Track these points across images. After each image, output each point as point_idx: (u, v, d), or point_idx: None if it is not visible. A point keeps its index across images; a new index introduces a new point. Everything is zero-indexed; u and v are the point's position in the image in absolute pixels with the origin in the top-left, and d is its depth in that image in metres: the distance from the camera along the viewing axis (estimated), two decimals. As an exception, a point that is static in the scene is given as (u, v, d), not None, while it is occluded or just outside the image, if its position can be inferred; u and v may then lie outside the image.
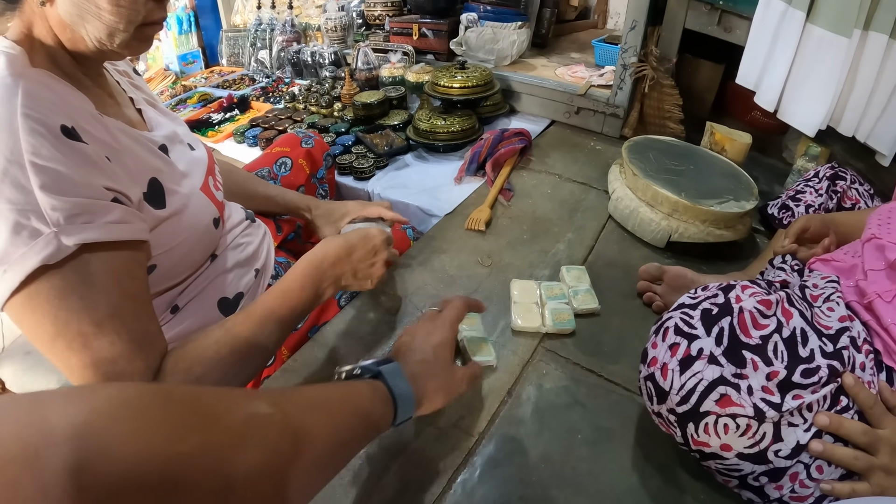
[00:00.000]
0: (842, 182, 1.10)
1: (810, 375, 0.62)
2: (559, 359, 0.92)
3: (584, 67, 1.91)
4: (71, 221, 0.58)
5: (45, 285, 0.57)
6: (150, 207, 0.71)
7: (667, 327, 0.68)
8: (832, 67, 1.12)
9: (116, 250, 0.62)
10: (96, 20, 0.65)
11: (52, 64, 0.68)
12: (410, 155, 1.64)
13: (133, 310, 0.63)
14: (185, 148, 0.87)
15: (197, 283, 0.84)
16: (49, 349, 0.59)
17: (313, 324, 1.00)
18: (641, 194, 1.22)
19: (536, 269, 1.13)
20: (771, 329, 0.64)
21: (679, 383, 0.63)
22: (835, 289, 0.76)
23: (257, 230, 1.01)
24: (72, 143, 0.60)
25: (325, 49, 2.25)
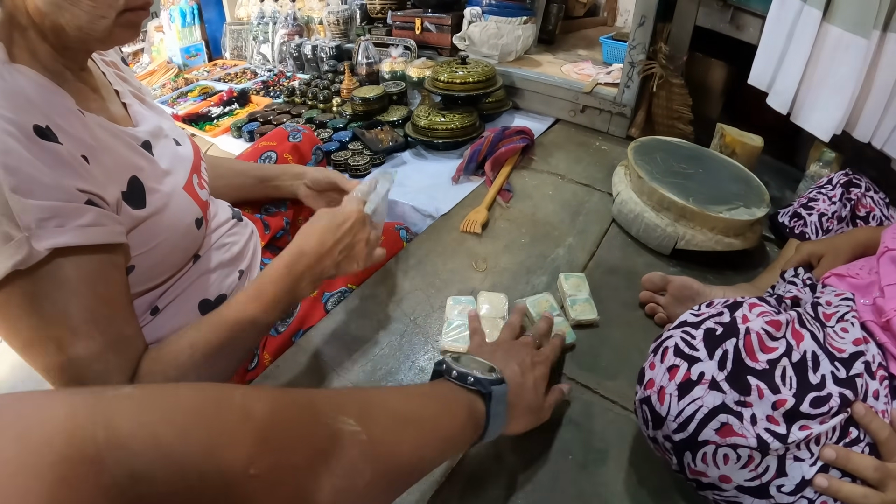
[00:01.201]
0: (856, 189, 1.06)
1: (820, 405, 0.58)
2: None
3: (591, 65, 1.87)
4: (42, 225, 0.56)
5: (18, 291, 0.56)
6: (128, 207, 0.69)
7: (666, 347, 0.64)
8: (849, 69, 1.06)
9: (90, 254, 0.61)
10: (74, 7, 0.63)
11: (32, 58, 0.66)
12: (408, 152, 1.60)
13: (108, 314, 0.62)
14: (169, 143, 0.85)
15: (178, 285, 0.82)
16: (23, 352, 0.59)
17: (298, 328, 0.96)
18: (647, 198, 1.17)
19: (533, 275, 1.08)
20: (779, 353, 0.59)
21: (677, 409, 0.59)
22: (849, 307, 0.71)
23: (244, 229, 0.98)
24: (44, 144, 0.58)
25: (327, 43, 2.23)
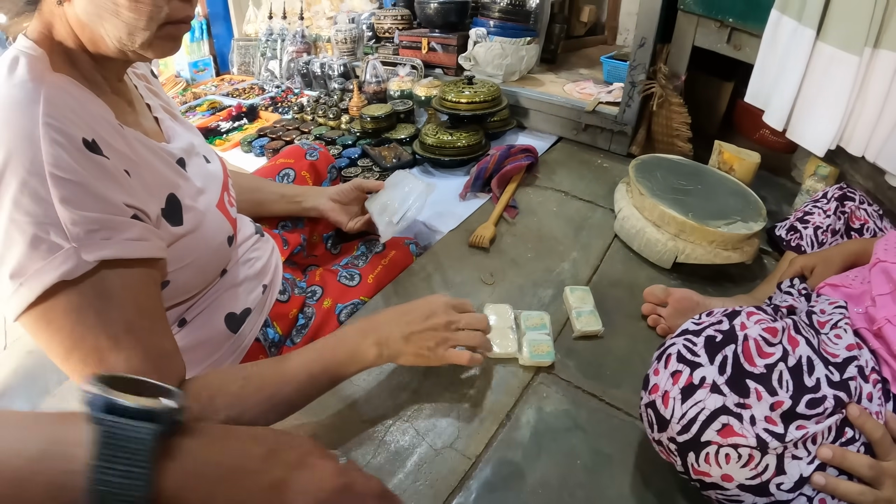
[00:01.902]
0: (850, 202, 1.09)
1: (815, 406, 0.61)
2: (560, 381, 0.91)
3: (592, 84, 1.91)
4: (91, 237, 0.57)
5: (62, 300, 0.56)
6: (167, 224, 0.70)
7: (669, 354, 0.67)
8: (842, 86, 1.11)
9: (134, 267, 0.61)
10: (115, 18, 0.62)
11: (72, 68, 0.66)
12: (416, 169, 1.64)
13: (149, 327, 0.62)
14: (201, 161, 0.86)
15: (206, 298, 0.83)
16: (63, 362, 0.58)
17: (312, 338, 0.99)
18: (648, 214, 1.21)
19: (540, 288, 1.11)
20: (776, 357, 0.63)
21: (680, 412, 0.63)
22: (842, 315, 0.75)
23: (265, 245, 1.01)
24: (93, 157, 0.59)
25: (335, 61, 2.27)
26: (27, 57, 0.61)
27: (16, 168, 0.54)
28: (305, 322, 1.00)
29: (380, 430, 0.82)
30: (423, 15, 2.03)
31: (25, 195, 0.54)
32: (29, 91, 0.58)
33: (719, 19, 1.45)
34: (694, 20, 1.51)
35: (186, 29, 0.69)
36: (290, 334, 0.99)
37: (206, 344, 0.83)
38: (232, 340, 0.86)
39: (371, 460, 0.77)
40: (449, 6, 1.96)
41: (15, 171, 0.54)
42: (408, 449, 0.79)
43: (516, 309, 1.01)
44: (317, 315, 1.02)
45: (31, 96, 0.57)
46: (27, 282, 0.55)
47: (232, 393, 0.66)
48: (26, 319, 0.57)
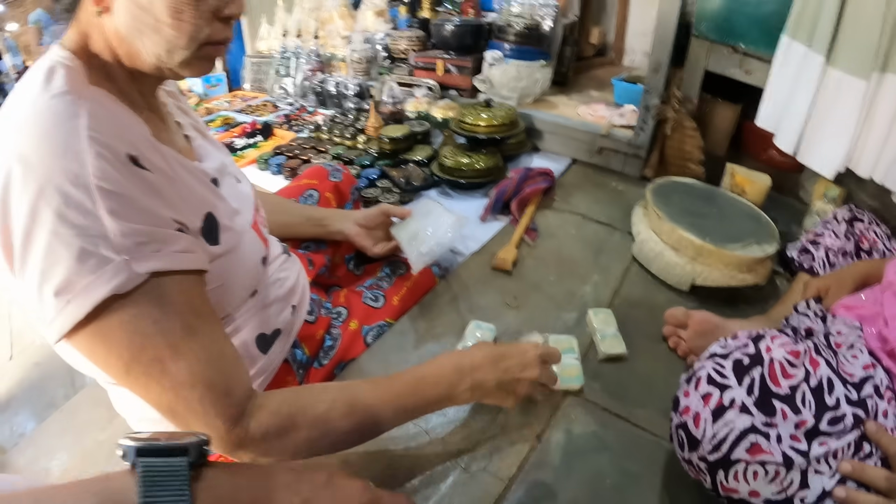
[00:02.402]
0: (859, 224, 1.12)
1: (836, 423, 0.65)
2: (587, 404, 0.93)
3: (604, 106, 1.95)
4: (140, 249, 0.55)
5: (116, 314, 0.54)
6: (205, 243, 0.69)
7: (699, 377, 0.71)
8: (851, 110, 1.14)
9: (185, 277, 0.61)
10: (155, 34, 0.61)
11: (108, 81, 0.64)
12: (434, 191, 1.66)
13: (209, 331, 0.61)
14: (233, 181, 0.85)
15: (238, 318, 0.82)
16: (124, 378, 0.57)
17: (340, 360, 1.00)
18: (666, 237, 1.24)
19: (564, 311, 1.14)
20: (799, 378, 0.67)
21: (711, 432, 0.66)
22: (858, 336, 0.79)
23: (293, 265, 1.00)
24: (137, 171, 0.58)
25: (350, 80, 2.29)
26: (65, 68, 0.60)
27: (59, 181, 0.52)
28: (332, 344, 1.01)
29: (413, 452, 0.84)
30: (438, 37, 2.07)
31: (71, 208, 0.52)
32: (69, 104, 0.56)
33: (731, 45, 1.49)
34: (706, 46, 1.55)
35: (224, 50, 0.68)
36: (317, 355, 0.99)
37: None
38: (262, 361, 0.85)
39: (406, 483, 0.79)
40: (464, 29, 2.00)
41: (58, 185, 0.52)
42: (441, 472, 0.81)
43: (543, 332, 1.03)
44: (343, 337, 1.02)
45: (72, 110, 0.56)
46: (76, 298, 0.53)
47: (317, 414, 0.65)
48: (78, 338, 0.55)
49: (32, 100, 0.57)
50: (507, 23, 1.97)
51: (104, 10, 0.61)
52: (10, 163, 0.53)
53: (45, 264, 0.53)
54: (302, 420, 0.64)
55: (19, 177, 0.52)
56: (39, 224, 0.52)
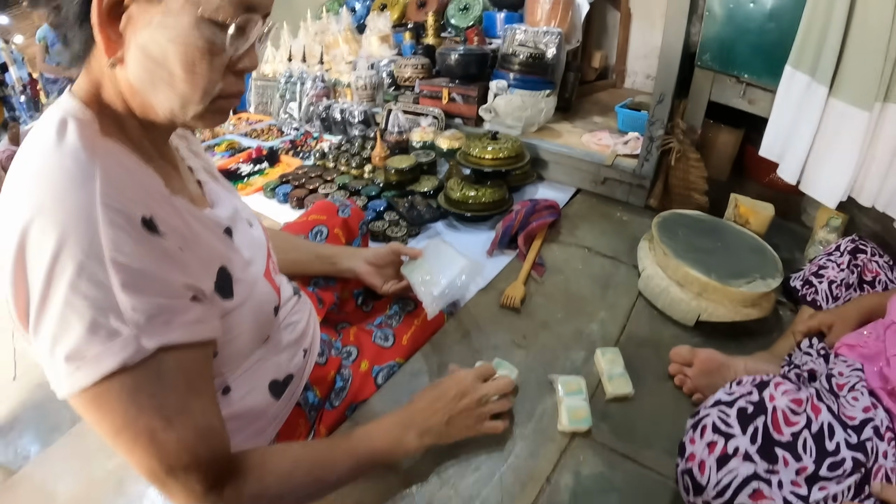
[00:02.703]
0: (862, 255, 1.13)
1: (836, 468, 0.68)
2: (595, 445, 0.94)
3: (608, 134, 1.96)
4: (151, 322, 0.55)
5: (117, 384, 0.55)
6: (219, 298, 0.68)
7: (704, 425, 0.73)
8: (853, 140, 1.15)
9: (190, 349, 0.61)
10: (168, 88, 0.61)
11: (121, 132, 0.64)
12: (441, 223, 1.67)
13: (201, 407, 0.62)
14: (245, 227, 0.84)
15: (250, 366, 0.82)
16: (112, 439, 0.57)
17: (351, 402, 1.01)
18: (672, 273, 1.25)
19: (572, 350, 1.15)
20: (801, 426, 0.70)
21: (716, 479, 0.69)
22: (859, 377, 0.81)
23: (304, 306, 0.99)
24: (151, 238, 0.58)
25: (355, 107, 2.31)
26: (76, 122, 0.59)
27: (73, 250, 0.52)
28: (343, 385, 1.01)
29: (423, 496, 0.85)
30: (443, 65, 2.09)
31: (84, 279, 0.52)
32: (83, 163, 0.55)
33: (735, 75, 1.50)
34: (710, 76, 1.56)
35: (237, 102, 0.68)
36: (328, 397, 0.99)
37: (251, 411, 0.82)
38: (274, 406, 0.86)
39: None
40: (469, 58, 2.02)
41: (72, 253, 0.52)
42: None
43: (552, 373, 1.05)
44: (354, 378, 1.02)
45: (86, 171, 0.55)
46: (85, 366, 0.53)
47: (283, 473, 0.69)
48: (77, 400, 0.56)
49: (45, 157, 0.56)
50: (512, 51, 1.99)
51: (117, 61, 0.60)
52: (28, 223, 0.52)
53: (58, 330, 0.53)
54: (271, 479, 0.68)
55: (36, 239, 0.52)
56: (54, 291, 0.52)
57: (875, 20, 1.09)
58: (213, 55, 0.60)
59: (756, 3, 1.38)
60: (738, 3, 1.42)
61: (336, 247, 1.23)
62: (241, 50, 0.63)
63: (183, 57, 0.59)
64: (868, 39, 1.10)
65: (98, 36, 0.58)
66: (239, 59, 0.64)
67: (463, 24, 2.53)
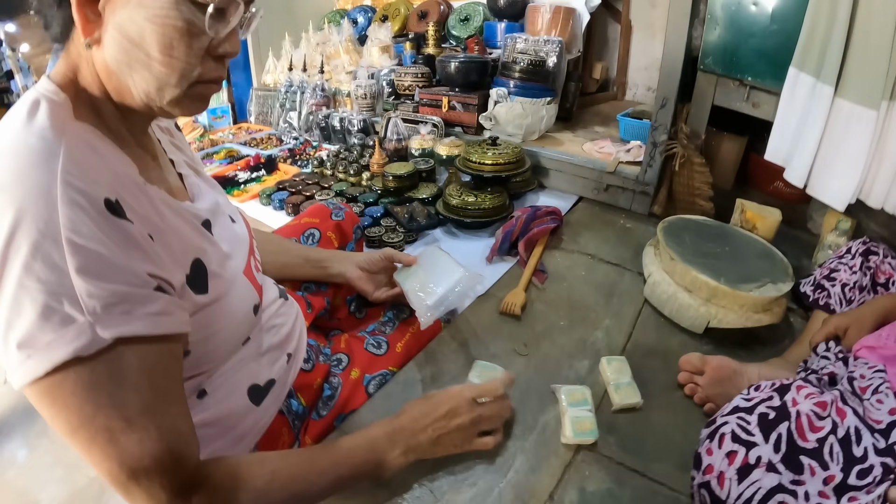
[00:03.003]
0: (874, 257, 1.11)
1: (865, 476, 0.64)
2: (602, 458, 0.89)
3: (610, 142, 1.94)
4: (109, 311, 0.53)
5: (72, 377, 0.52)
6: (191, 292, 0.66)
7: (723, 433, 0.70)
8: (861, 141, 1.13)
9: (154, 343, 0.57)
10: (145, 70, 0.59)
11: (96, 117, 0.63)
12: (440, 230, 1.65)
13: (166, 409, 0.58)
14: (226, 221, 0.82)
15: (228, 368, 0.78)
16: (68, 437, 0.55)
17: (339, 412, 0.96)
18: (679, 279, 1.21)
19: (575, 359, 1.10)
20: (827, 431, 0.67)
21: (737, 492, 0.65)
22: (882, 379, 0.78)
23: (290, 309, 0.97)
24: (115, 221, 0.55)
25: (355, 116, 2.31)
26: (48, 102, 0.58)
27: (28, 228, 0.50)
28: (332, 393, 0.97)
29: (420, 515, 0.79)
30: (443, 73, 2.08)
31: (38, 260, 0.50)
32: (49, 142, 0.54)
33: (738, 78, 1.49)
34: (713, 80, 1.55)
35: (217, 89, 0.67)
36: (315, 406, 0.95)
37: (228, 418, 0.78)
38: (254, 413, 0.82)
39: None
40: (470, 66, 2.01)
41: (27, 232, 0.50)
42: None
43: (554, 383, 1.00)
44: (344, 386, 0.99)
45: (50, 148, 0.53)
46: (36, 354, 0.51)
47: (258, 487, 0.65)
48: (31, 391, 0.53)
49: (13, 135, 0.55)
50: (513, 59, 1.98)
51: (94, 42, 0.59)
52: None
53: (11, 314, 0.51)
54: (244, 495, 0.64)
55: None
56: (7, 272, 0.50)
57: (879, 17, 1.07)
58: (191, 36, 0.59)
59: (758, 5, 1.38)
60: (740, 5, 1.41)
61: (327, 250, 1.20)
62: (221, 34, 0.62)
63: (160, 37, 0.58)
64: (872, 37, 1.09)
65: (76, 15, 0.57)
66: (220, 43, 0.63)
67: (463, 34, 2.54)
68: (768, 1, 1.36)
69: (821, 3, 1.17)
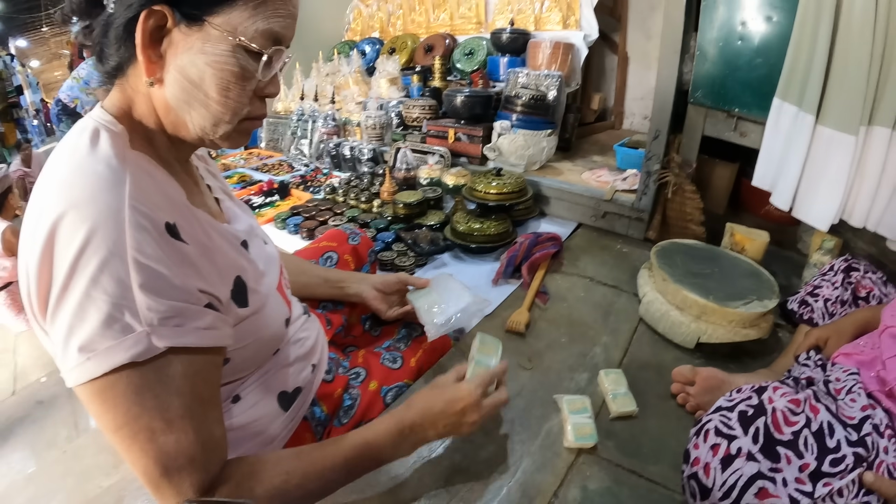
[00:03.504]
0: (855, 273, 1.16)
1: (838, 464, 0.70)
2: (602, 461, 0.96)
3: (607, 171, 2.03)
4: (164, 323, 0.58)
5: (124, 380, 0.57)
6: (234, 306, 0.72)
7: (707, 429, 0.77)
8: (842, 164, 1.19)
9: (200, 354, 0.63)
10: (203, 108, 0.66)
11: (149, 146, 0.68)
12: (447, 254, 1.73)
13: (203, 413, 0.63)
14: (260, 243, 0.88)
15: (259, 376, 0.84)
16: (111, 434, 0.59)
17: (360, 420, 1.02)
18: (671, 298, 1.29)
19: (576, 372, 1.18)
20: (801, 425, 0.73)
21: (721, 480, 0.71)
22: (856, 381, 0.84)
23: (313, 324, 1.02)
24: (174, 243, 0.61)
25: (364, 145, 2.39)
26: (108, 132, 0.63)
27: (98, 245, 0.55)
28: (352, 403, 1.03)
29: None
30: (449, 106, 2.18)
31: (105, 274, 0.55)
32: (115, 169, 0.59)
33: (726, 110, 1.57)
34: (703, 111, 1.63)
35: (259, 125, 0.73)
36: (336, 414, 1.01)
37: (259, 421, 0.83)
38: (283, 418, 0.88)
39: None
40: (475, 99, 2.11)
41: (97, 249, 0.55)
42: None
43: (557, 394, 1.08)
44: (363, 397, 1.05)
45: (117, 175, 0.59)
46: (96, 357, 0.55)
47: (275, 486, 0.69)
48: (83, 389, 0.58)
49: (80, 160, 0.60)
50: (515, 93, 2.08)
51: (157, 81, 0.65)
52: (60, 215, 0.56)
53: (75, 320, 0.56)
54: (261, 491, 0.68)
55: (66, 231, 0.55)
56: (75, 281, 0.55)
57: (855, 49, 1.14)
58: (245, 80, 0.66)
59: (744, 40, 1.46)
60: (727, 41, 1.49)
61: (344, 272, 1.26)
62: (267, 77, 0.69)
63: (219, 80, 0.65)
64: (850, 68, 1.16)
65: (140, 56, 0.63)
66: (266, 85, 0.70)
67: (468, 68, 2.64)
68: (753, 36, 1.44)
69: (802, 37, 1.25)
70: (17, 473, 1.21)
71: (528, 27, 2.54)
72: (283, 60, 0.70)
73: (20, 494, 1.09)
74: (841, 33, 1.19)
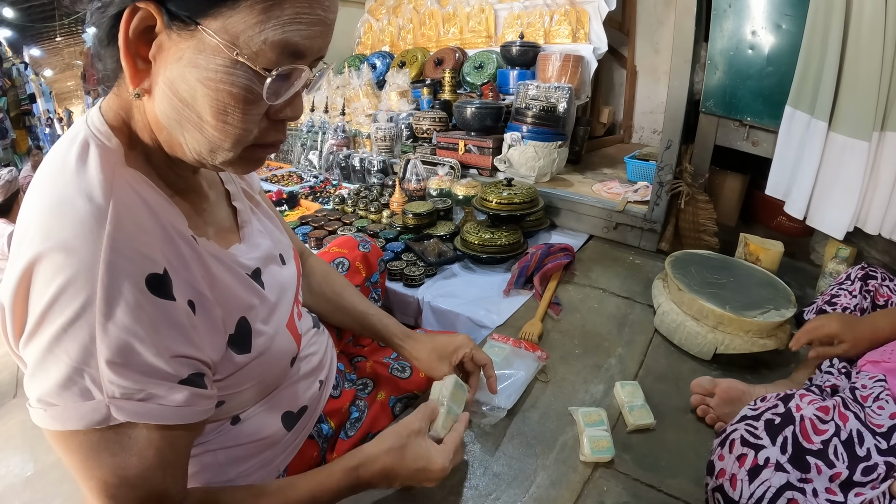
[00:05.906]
0: (873, 281, 1.14)
1: (870, 473, 0.67)
2: (619, 475, 0.93)
3: (618, 183, 2.03)
4: (128, 398, 0.52)
5: (81, 437, 0.52)
6: (232, 354, 0.65)
7: (733, 439, 0.74)
8: (856, 171, 1.19)
9: (167, 430, 0.56)
10: (196, 131, 0.55)
11: (146, 164, 0.60)
12: (457, 265, 1.71)
13: (163, 476, 0.57)
14: (276, 267, 0.80)
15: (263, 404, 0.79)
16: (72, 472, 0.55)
17: (367, 432, 1.00)
18: (687, 308, 1.27)
19: (591, 384, 1.16)
20: (830, 433, 0.70)
21: (749, 492, 0.68)
22: (883, 388, 0.82)
23: (322, 338, 0.99)
24: (157, 302, 0.53)
25: (374, 157, 2.40)
26: (100, 148, 0.55)
27: (68, 303, 0.49)
28: (359, 415, 1.01)
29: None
30: (460, 118, 2.18)
31: (69, 336, 0.49)
32: (98, 206, 0.52)
33: (738, 119, 1.57)
34: (715, 121, 1.63)
35: (274, 151, 0.62)
36: (343, 427, 0.99)
37: (259, 443, 0.78)
38: (286, 439, 0.84)
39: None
40: (485, 111, 2.12)
41: (66, 306, 0.49)
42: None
43: (572, 406, 1.06)
44: (370, 408, 1.03)
45: (100, 214, 0.51)
46: (53, 411, 0.51)
47: None
48: (46, 432, 0.54)
49: (63, 191, 0.53)
50: (525, 105, 2.08)
51: (144, 92, 0.55)
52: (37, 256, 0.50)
53: (37, 369, 0.51)
54: None
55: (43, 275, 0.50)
56: (43, 330, 0.50)
57: (866, 56, 1.14)
58: (247, 104, 0.54)
59: (754, 49, 1.46)
60: (738, 50, 1.50)
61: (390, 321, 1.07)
62: (283, 98, 0.56)
63: (213, 102, 0.53)
64: (861, 73, 1.16)
65: (124, 63, 0.52)
66: (281, 108, 0.58)
67: (478, 81, 2.65)
68: (764, 45, 1.44)
69: (812, 45, 1.25)
70: (15, 477, 1.20)
71: (537, 40, 2.55)
72: (309, 76, 0.57)
73: (17, 497, 1.08)
74: (851, 39, 1.19)
